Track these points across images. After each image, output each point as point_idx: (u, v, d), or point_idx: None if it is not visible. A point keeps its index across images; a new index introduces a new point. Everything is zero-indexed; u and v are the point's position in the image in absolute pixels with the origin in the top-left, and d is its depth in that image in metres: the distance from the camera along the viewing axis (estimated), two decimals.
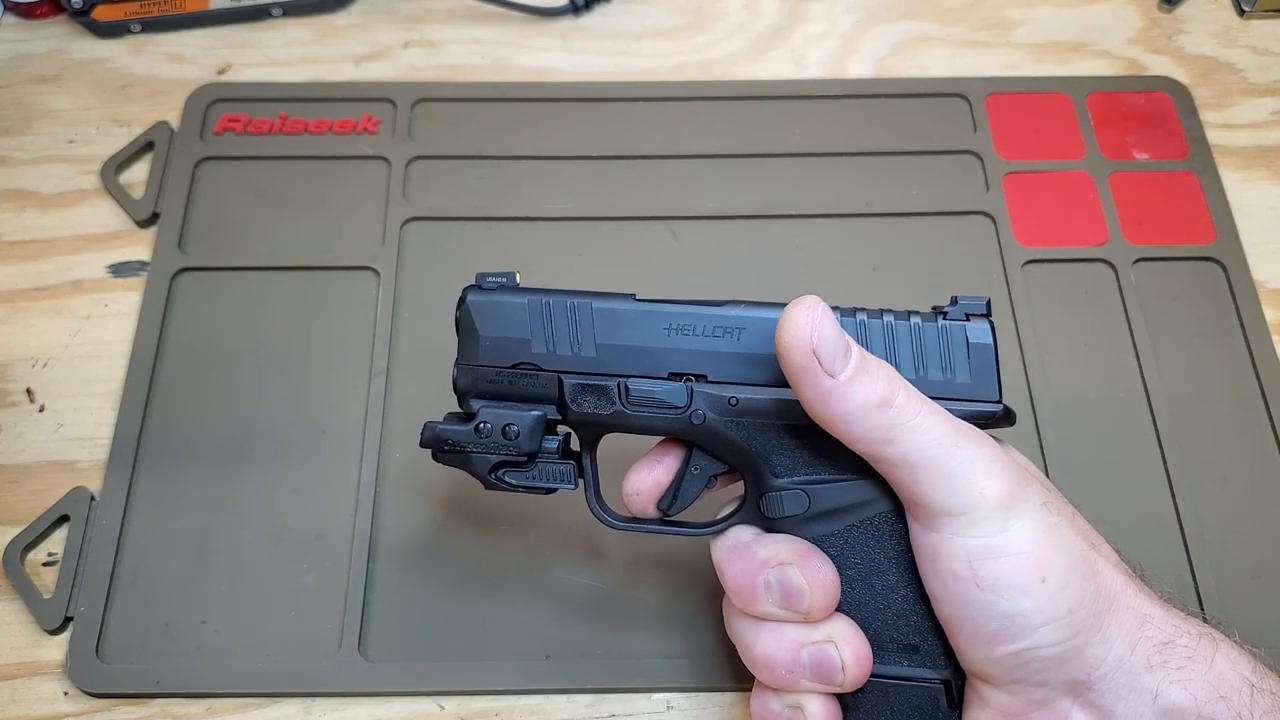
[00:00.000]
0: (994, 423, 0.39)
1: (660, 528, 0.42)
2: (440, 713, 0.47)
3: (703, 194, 0.61)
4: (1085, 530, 0.38)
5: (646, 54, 0.67)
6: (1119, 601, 0.36)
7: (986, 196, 0.61)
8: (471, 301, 0.41)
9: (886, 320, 0.39)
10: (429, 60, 0.67)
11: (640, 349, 0.40)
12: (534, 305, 0.40)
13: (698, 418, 0.39)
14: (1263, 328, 0.56)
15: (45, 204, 0.61)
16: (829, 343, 0.35)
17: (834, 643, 0.38)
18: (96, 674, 0.47)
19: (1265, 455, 0.53)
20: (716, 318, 0.40)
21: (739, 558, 0.39)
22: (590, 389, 0.40)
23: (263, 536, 0.50)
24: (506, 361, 0.40)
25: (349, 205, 0.60)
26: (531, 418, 0.40)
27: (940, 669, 0.38)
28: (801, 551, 0.38)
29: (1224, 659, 0.36)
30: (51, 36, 0.68)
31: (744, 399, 0.39)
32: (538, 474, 0.41)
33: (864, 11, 0.69)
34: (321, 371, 0.55)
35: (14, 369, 0.56)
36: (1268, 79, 0.66)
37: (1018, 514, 0.35)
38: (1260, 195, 0.61)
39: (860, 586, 0.38)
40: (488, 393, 0.41)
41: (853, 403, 0.35)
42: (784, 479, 0.39)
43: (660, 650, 0.48)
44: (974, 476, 0.35)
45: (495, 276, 0.41)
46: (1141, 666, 0.35)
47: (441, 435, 0.41)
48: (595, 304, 0.40)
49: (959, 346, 0.39)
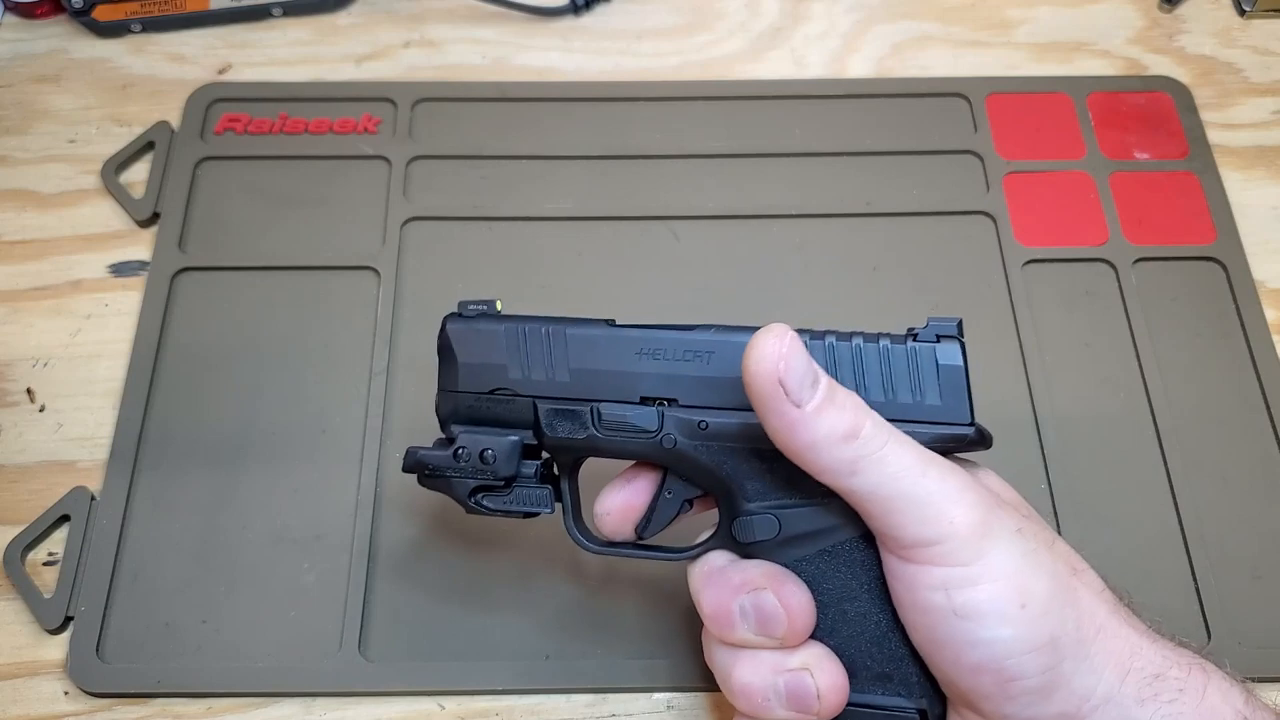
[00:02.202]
0: (966, 445, 0.38)
1: (636, 552, 0.42)
2: (440, 712, 0.47)
3: (703, 194, 0.61)
4: (1066, 555, 0.37)
5: (647, 54, 0.67)
6: (1106, 630, 0.35)
7: (987, 196, 0.61)
8: (451, 329, 0.41)
9: (855, 343, 0.38)
10: (429, 60, 0.67)
11: (612, 373, 0.40)
12: (510, 332, 0.41)
13: (669, 442, 0.39)
14: (1263, 327, 0.56)
15: (46, 204, 0.61)
16: (796, 372, 0.34)
17: (809, 670, 0.37)
18: (97, 673, 0.47)
19: (1265, 455, 0.53)
20: (686, 342, 0.39)
21: (713, 583, 0.39)
22: (564, 414, 0.40)
23: (263, 536, 0.50)
24: (484, 387, 0.41)
25: (349, 205, 0.60)
26: (508, 443, 0.41)
27: (915, 698, 0.38)
28: (775, 575, 0.38)
29: (1215, 691, 0.35)
30: (52, 36, 0.68)
31: (713, 423, 0.39)
32: (515, 499, 0.41)
33: (864, 11, 0.69)
34: (322, 371, 0.55)
35: (14, 369, 0.56)
36: (1268, 79, 0.66)
37: (993, 540, 0.35)
38: (1261, 195, 0.61)
39: (833, 612, 0.38)
40: (467, 418, 0.41)
41: (818, 433, 0.35)
42: (755, 503, 0.39)
43: (660, 650, 0.48)
44: (944, 506, 0.35)
45: (475, 304, 0.42)
46: (1132, 700, 0.34)
47: (422, 460, 0.41)
48: (569, 330, 0.40)
49: (929, 368, 0.38)
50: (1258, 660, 0.47)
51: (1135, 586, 0.38)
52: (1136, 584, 0.39)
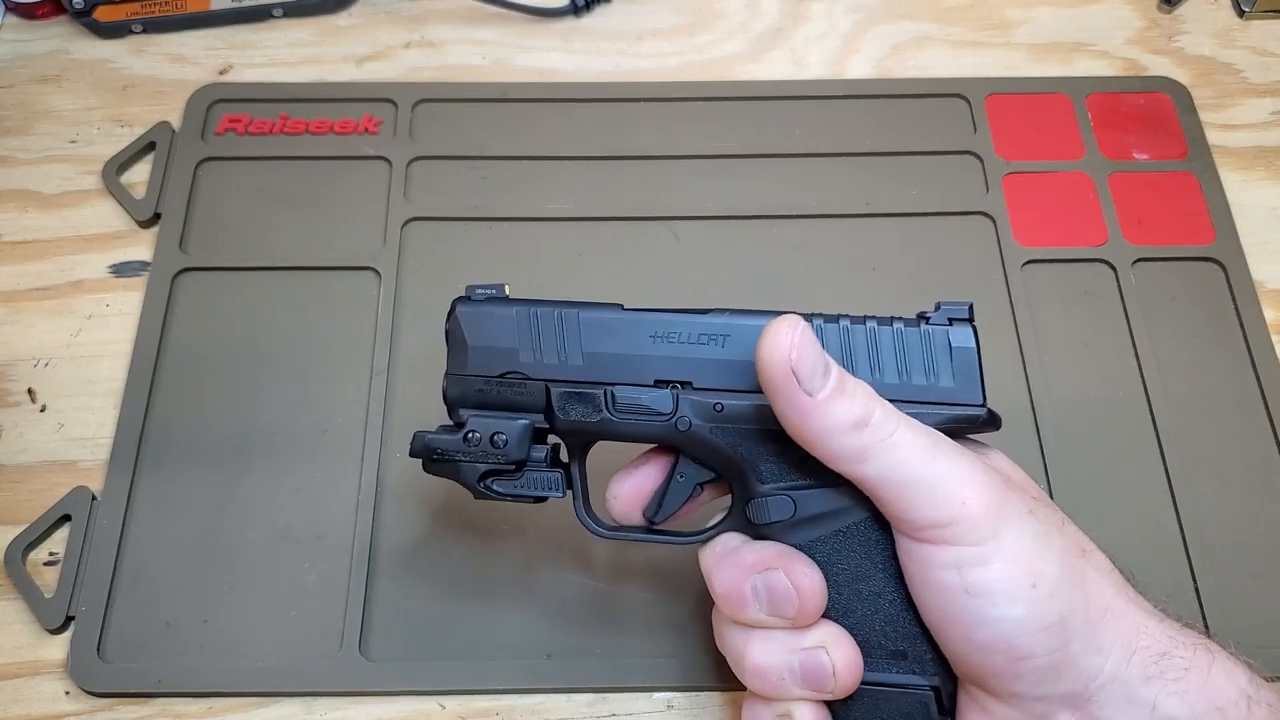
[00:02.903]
0: (978, 426, 0.39)
1: (647, 536, 0.42)
2: (441, 712, 0.47)
3: (703, 194, 0.61)
4: (1075, 537, 0.38)
5: (647, 54, 0.68)
6: (1113, 610, 0.36)
7: (986, 197, 0.61)
8: (461, 312, 0.41)
9: (870, 326, 0.39)
10: (430, 61, 0.67)
11: (626, 356, 0.40)
12: (521, 315, 0.41)
13: (683, 424, 0.39)
14: (1262, 327, 0.56)
15: (47, 204, 0.61)
16: (808, 362, 0.35)
17: (824, 648, 0.38)
18: (98, 673, 0.47)
19: (1264, 454, 0.53)
20: (701, 325, 0.40)
21: (726, 564, 0.39)
22: (577, 397, 0.40)
23: (264, 536, 0.50)
24: (494, 371, 0.41)
25: (350, 205, 0.60)
26: (519, 426, 0.41)
27: (929, 675, 0.38)
28: (786, 555, 0.38)
29: (1220, 670, 0.36)
30: (53, 37, 0.68)
31: (729, 405, 0.39)
32: (526, 483, 0.41)
33: (864, 12, 0.70)
34: (323, 371, 0.55)
35: (16, 369, 0.56)
36: (1267, 79, 0.66)
37: (1005, 521, 0.35)
38: (1259, 195, 0.62)
39: (847, 592, 0.38)
40: (476, 402, 0.41)
41: (829, 421, 0.35)
42: (769, 485, 0.39)
43: (660, 649, 0.48)
44: (955, 488, 0.35)
45: (484, 288, 0.41)
46: (1138, 678, 0.35)
47: (431, 444, 0.41)
48: (582, 314, 0.40)
49: (942, 351, 0.39)
50: (1256, 658, 0.46)
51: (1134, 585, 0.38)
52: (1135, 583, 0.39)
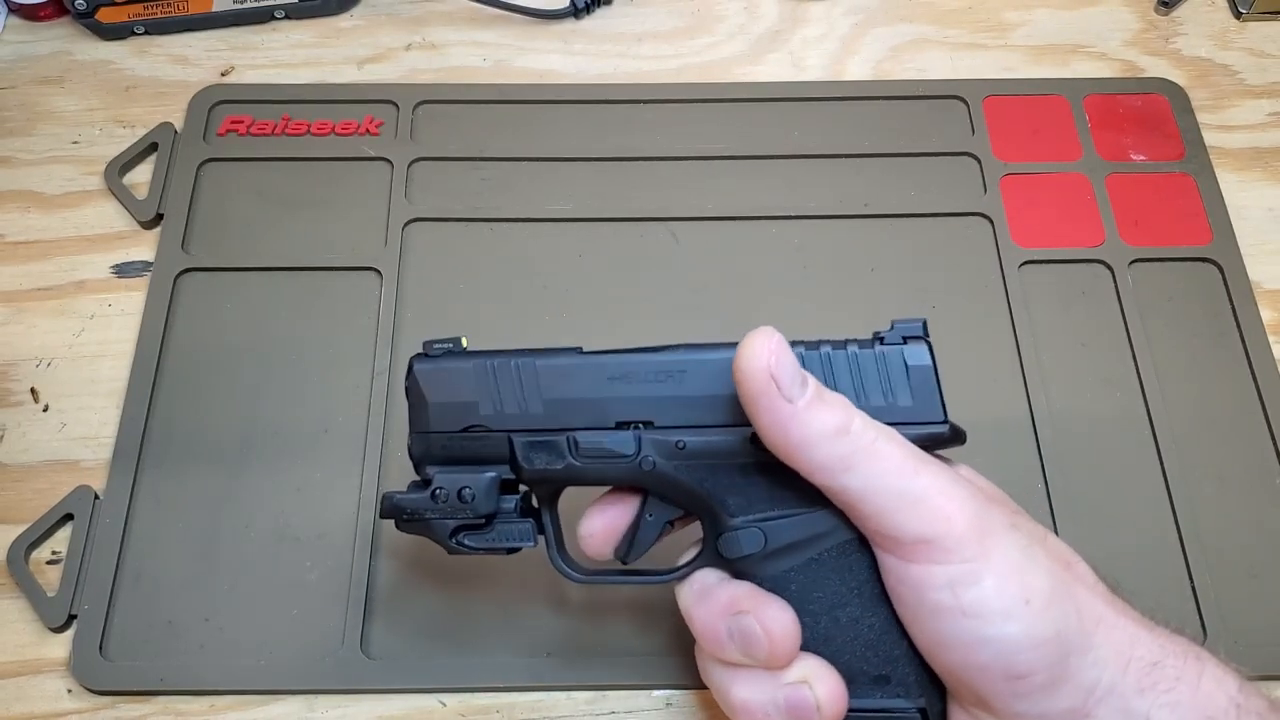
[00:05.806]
0: (943, 443, 0.38)
1: (623, 579, 0.42)
2: (442, 709, 0.47)
3: (702, 195, 0.61)
4: (1058, 550, 0.37)
5: (646, 56, 0.68)
6: (1105, 621, 0.35)
7: (984, 198, 0.61)
8: (419, 370, 0.40)
9: (824, 351, 0.38)
10: (431, 63, 0.67)
11: (586, 400, 0.39)
12: (479, 368, 0.40)
13: (647, 464, 0.39)
14: (1259, 328, 0.56)
15: (49, 205, 0.61)
16: (787, 369, 0.35)
17: (807, 683, 0.37)
18: (100, 671, 0.47)
19: (1261, 454, 0.53)
20: (657, 363, 0.39)
21: (702, 604, 0.39)
22: (540, 445, 0.40)
23: (266, 535, 0.51)
24: (457, 426, 0.40)
25: (351, 206, 0.61)
26: (486, 479, 0.40)
27: (914, 698, 0.38)
28: (756, 598, 0.38)
29: (1210, 679, 0.35)
30: (55, 38, 0.68)
31: (691, 442, 0.39)
32: (497, 535, 0.41)
33: (862, 14, 0.70)
34: (324, 371, 0.55)
35: (18, 369, 0.56)
36: (1264, 81, 0.66)
37: (992, 536, 0.35)
38: (1256, 196, 0.62)
39: (826, 620, 0.38)
40: (442, 458, 0.40)
41: (811, 429, 0.35)
42: (739, 518, 0.38)
43: (660, 647, 0.48)
44: (939, 503, 0.35)
45: (441, 343, 0.41)
46: (1133, 689, 0.35)
47: (399, 504, 0.41)
48: (539, 361, 0.40)
49: (898, 370, 0.38)
50: (1254, 658, 0.47)
51: (1131, 586, 0.38)
52: (1133, 583, 0.39)
